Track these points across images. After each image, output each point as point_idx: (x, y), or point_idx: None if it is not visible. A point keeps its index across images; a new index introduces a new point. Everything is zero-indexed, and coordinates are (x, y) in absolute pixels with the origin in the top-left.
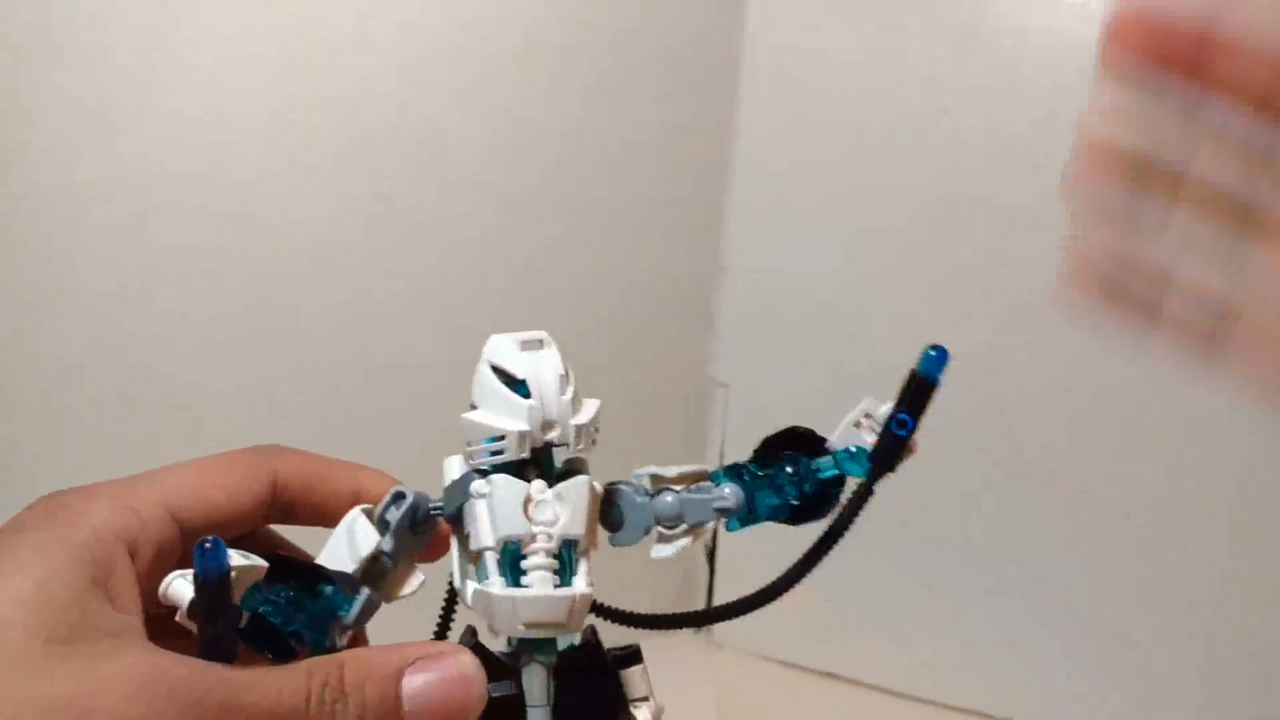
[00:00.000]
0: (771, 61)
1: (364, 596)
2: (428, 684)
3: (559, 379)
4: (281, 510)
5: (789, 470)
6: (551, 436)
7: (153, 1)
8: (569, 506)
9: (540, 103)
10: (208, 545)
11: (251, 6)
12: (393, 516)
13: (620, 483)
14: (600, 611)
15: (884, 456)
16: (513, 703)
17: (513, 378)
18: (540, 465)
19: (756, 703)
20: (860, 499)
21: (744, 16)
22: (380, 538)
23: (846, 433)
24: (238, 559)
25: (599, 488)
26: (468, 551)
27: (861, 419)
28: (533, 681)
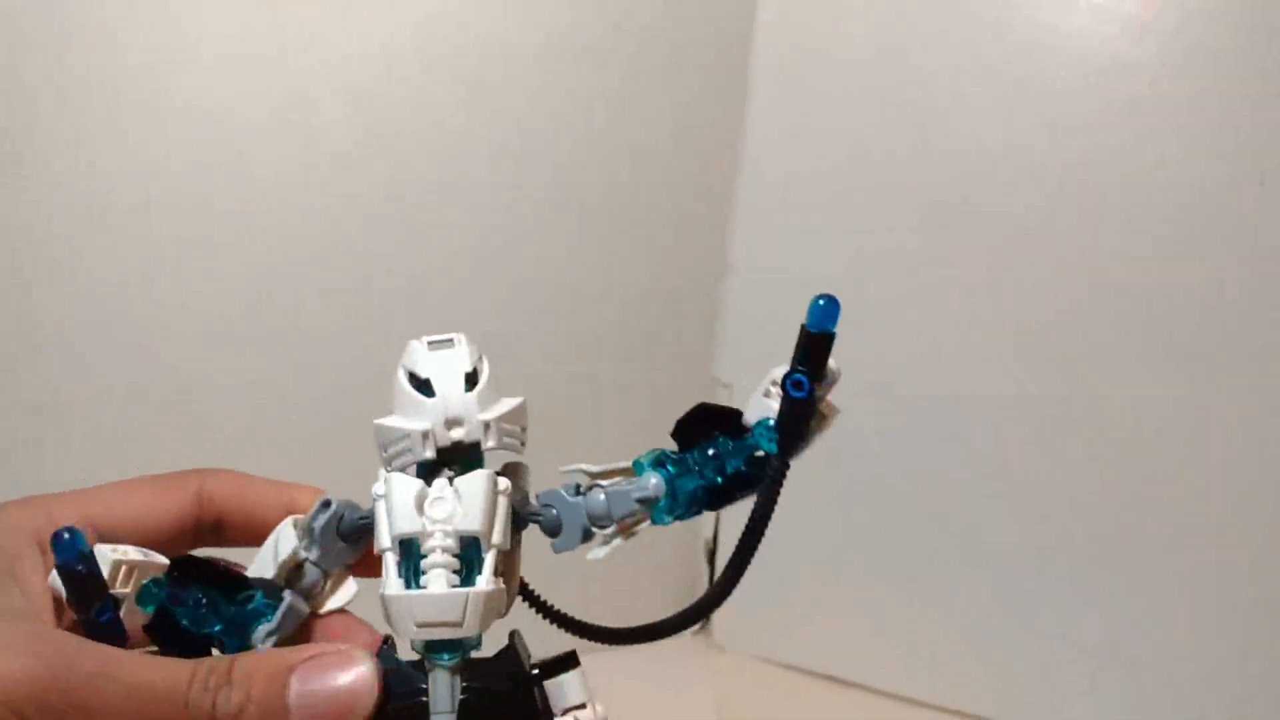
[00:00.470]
0: (779, 65)
1: (285, 603)
2: (318, 683)
3: (464, 376)
4: (212, 529)
5: (710, 452)
6: (457, 434)
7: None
8: (464, 501)
9: (546, 104)
10: (65, 535)
11: (263, 2)
12: (319, 524)
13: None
14: (543, 614)
15: (788, 423)
16: (420, 711)
17: (417, 378)
18: (461, 466)
19: (756, 705)
20: (776, 476)
21: (753, 20)
22: (301, 542)
23: (757, 404)
24: (133, 554)
25: (504, 483)
26: None
27: (770, 387)
28: (435, 687)
